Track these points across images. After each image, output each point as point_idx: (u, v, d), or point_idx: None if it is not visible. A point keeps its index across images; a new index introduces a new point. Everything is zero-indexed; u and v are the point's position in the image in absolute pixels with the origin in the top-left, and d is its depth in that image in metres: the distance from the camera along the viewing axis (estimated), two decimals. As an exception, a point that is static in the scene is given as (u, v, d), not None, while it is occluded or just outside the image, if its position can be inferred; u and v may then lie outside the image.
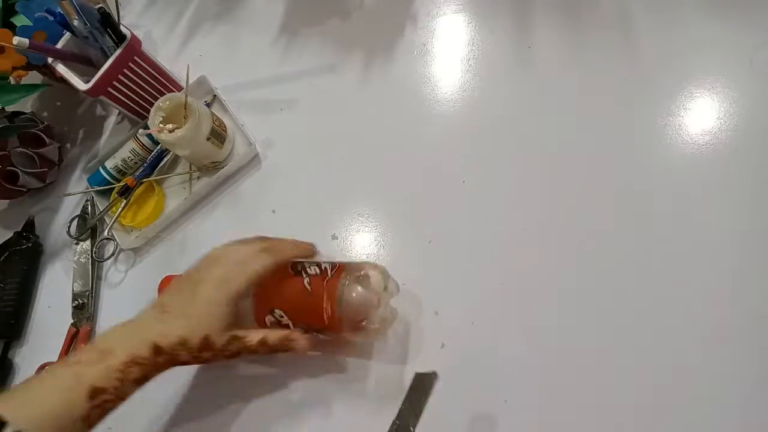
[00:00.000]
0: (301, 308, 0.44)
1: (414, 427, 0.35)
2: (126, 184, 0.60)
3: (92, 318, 0.59)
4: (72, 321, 0.59)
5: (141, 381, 0.39)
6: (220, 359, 0.42)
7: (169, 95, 0.55)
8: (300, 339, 0.44)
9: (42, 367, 0.58)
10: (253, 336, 0.43)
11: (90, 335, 0.58)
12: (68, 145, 0.71)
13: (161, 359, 0.40)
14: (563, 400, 0.43)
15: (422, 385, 0.37)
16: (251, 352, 0.43)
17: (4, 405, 0.34)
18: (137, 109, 0.63)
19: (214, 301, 0.41)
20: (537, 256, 0.48)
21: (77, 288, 0.60)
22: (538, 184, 0.50)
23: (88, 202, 0.64)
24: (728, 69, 0.50)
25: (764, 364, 0.41)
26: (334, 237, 0.54)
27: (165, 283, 0.53)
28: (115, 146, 0.64)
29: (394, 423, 0.36)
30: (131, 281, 0.60)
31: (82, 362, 0.37)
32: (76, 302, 0.59)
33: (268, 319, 0.45)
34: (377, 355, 0.47)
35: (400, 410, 0.36)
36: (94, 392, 0.37)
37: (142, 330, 0.40)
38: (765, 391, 0.40)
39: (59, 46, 0.59)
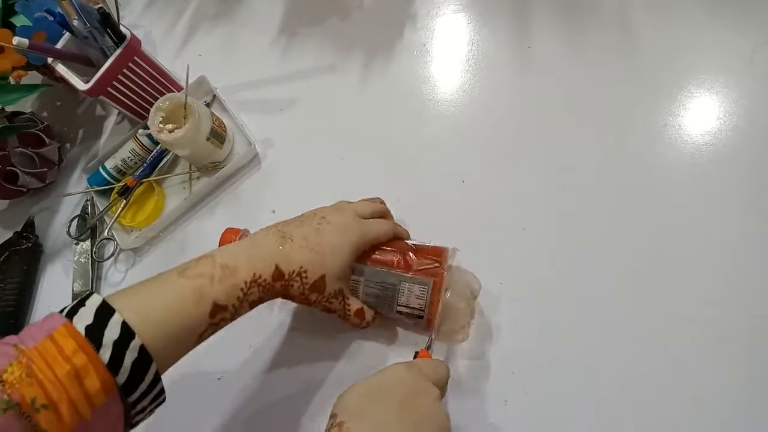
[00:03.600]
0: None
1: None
2: (126, 184, 0.60)
3: None
4: None
5: (256, 303, 0.39)
6: (318, 307, 0.43)
7: (168, 95, 0.55)
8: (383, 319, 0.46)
9: None
10: (354, 304, 0.44)
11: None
12: (68, 145, 0.71)
13: (278, 285, 0.39)
14: (563, 400, 0.43)
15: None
16: (343, 317, 0.44)
17: (128, 311, 0.32)
18: (137, 109, 0.63)
19: (337, 245, 0.41)
20: (537, 256, 0.48)
21: (77, 288, 0.60)
22: (538, 184, 0.51)
23: (88, 202, 0.64)
24: (728, 69, 0.50)
25: (763, 363, 0.41)
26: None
27: (227, 235, 0.50)
28: (115, 146, 0.64)
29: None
30: (131, 281, 0.59)
31: (206, 276, 0.36)
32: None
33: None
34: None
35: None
36: (216, 310, 0.36)
37: (265, 251, 0.39)
38: (764, 391, 0.40)
39: (59, 46, 0.59)
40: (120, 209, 0.59)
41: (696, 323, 0.43)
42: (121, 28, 0.56)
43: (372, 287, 0.44)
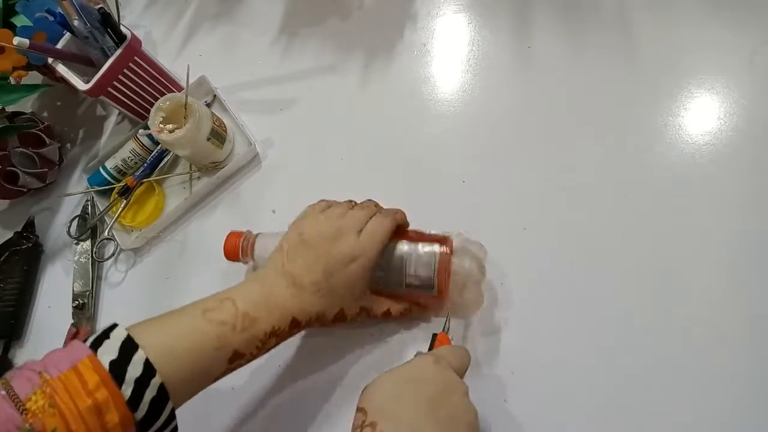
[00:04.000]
0: (401, 297, 0.46)
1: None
2: (126, 184, 0.60)
3: (92, 318, 0.59)
4: (72, 321, 0.59)
5: (272, 348, 0.40)
6: (344, 325, 0.44)
7: (169, 95, 0.55)
8: (416, 313, 0.47)
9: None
10: (378, 308, 0.45)
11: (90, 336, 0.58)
12: (68, 145, 0.71)
13: (295, 331, 0.41)
14: (563, 400, 0.43)
15: None
16: (374, 318, 0.45)
17: (152, 349, 0.33)
18: (137, 109, 0.63)
19: (351, 281, 0.41)
20: (537, 256, 0.48)
21: (77, 288, 0.60)
22: (539, 184, 0.51)
23: (88, 202, 0.64)
24: (728, 69, 0.50)
25: (763, 363, 0.41)
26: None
27: (230, 239, 0.51)
28: (116, 146, 0.64)
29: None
30: (131, 281, 0.60)
31: (228, 325, 0.37)
32: (77, 302, 0.59)
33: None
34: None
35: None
36: (234, 356, 0.37)
37: (281, 304, 0.40)
38: (763, 390, 0.40)
39: (59, 46, 0.59)
40: (120, 209, 0.59)
41: (696, 323, 0.43)
42: (122, 28, 0.56)
43: (379, 270, 0.44)
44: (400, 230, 0.46)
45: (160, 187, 0.62)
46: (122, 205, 0.59)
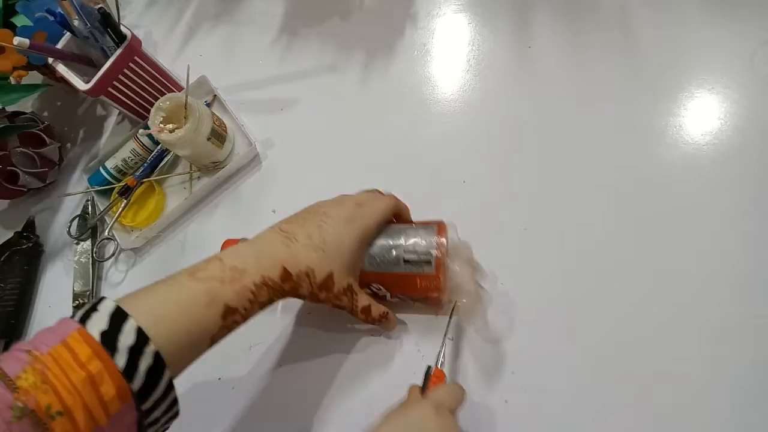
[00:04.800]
0: (398, 281, 0.44)
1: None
2: (126, 184, 0.60)
3: None
4: None
5: (266, 304, 0.39)
6: (328, 304, 0.42)
7: (169, 95, 0.55)
8: (393, 320, 0.47)
9: None
10: (362, 299, 0.44)
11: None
12: (68, 145, 0.71)
13: (287, 286, 0.39)
14: (563, 400, 0.43)
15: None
16: (351, 313, 0.44)
17: (143, 316, 0.32)
18: (137, 109, 0.63)
19: (342, 239, 0.41)
20: (537, 256, 0.48)
21: (78, 288, 0.60)
22: (539, 184, 0.51)
23: (89, 202, 0.64)
24: (729, 69, 0.50)
25: (762, 363, 0.41)
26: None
27: (226, 247, 0.50)
28: (116, 146, 0.64)
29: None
30: (132, 281, 0.60)
31: (216, 279, 0.36)
32: (77, 302, 0.59)
33: (365, 290, 0.45)
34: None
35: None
36: (227, 312, 0.36)
37: (271, 252, 0.39)
38: (762, 390, 0.40)
39: (59, 46, 0.59)
40: (120, 209, 0.59)
41: (696, 323, 0.43)
42: (122, 28, 0.56)
43: (376, 252, 0.43)
44: (400, 219, 0.47)
45: (160, 187, 0.62)
46: (122, 205, 0.59)
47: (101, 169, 0.62)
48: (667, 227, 0.46)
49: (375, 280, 0.45)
